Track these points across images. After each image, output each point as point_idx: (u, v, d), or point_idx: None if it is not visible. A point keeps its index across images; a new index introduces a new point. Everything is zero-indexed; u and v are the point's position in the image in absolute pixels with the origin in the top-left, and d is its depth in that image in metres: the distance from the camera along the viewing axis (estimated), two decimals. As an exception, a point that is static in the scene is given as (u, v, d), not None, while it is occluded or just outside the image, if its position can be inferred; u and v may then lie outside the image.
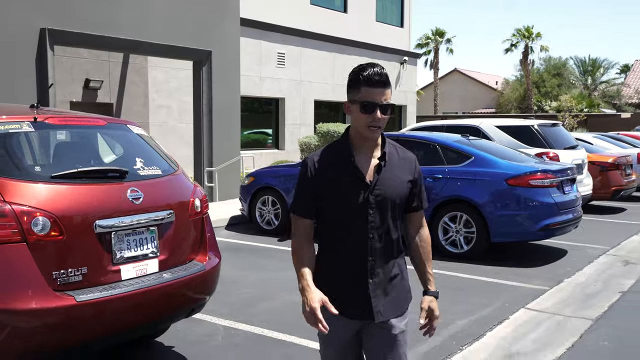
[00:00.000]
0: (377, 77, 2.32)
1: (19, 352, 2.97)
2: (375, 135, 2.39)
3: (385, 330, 2.45)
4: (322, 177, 2.40)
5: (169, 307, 3.53)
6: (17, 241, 2.90)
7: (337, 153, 2.44)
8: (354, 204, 2.37)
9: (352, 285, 2.42)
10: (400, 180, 2.44)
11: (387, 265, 2.45)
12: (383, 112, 2.33)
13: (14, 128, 3.22)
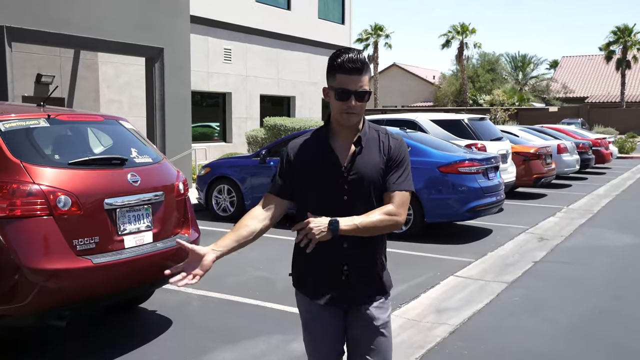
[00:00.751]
0: (351, 64, 2.26)
1: (47, 307, 3.66)
2: (351, 121, 2.34)
3: (366, 321, 2.43)
4: (299, 160, 2.41)
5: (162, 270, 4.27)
6: (46, 215, 3.59)
7: (316, 138, 2.44)
8: (328, 189, 2.36)
9: (328, 271, 2.41)
10: (375, 164, 2.39)
11: (363, 251, 2.41)
12: (358, 99, 2.30)
13: (33, 124, 3.89)
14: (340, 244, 2.35)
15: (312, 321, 2.49)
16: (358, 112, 2.32)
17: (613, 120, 44.85)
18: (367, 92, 2.31)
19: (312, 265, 2.43)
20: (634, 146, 28.83)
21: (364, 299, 2.43)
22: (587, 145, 17.76)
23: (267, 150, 9.46)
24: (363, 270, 2.42)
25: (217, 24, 18.93)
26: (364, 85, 2.30)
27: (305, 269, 2.47)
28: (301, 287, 2.51)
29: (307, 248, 2.21)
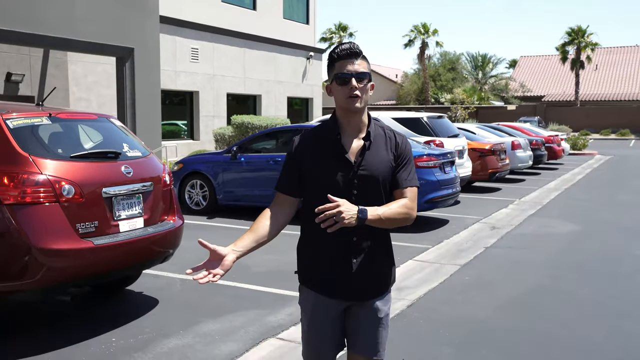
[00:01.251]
0: (346, 50, 2.37)
1: (54, 284, 4.15)
2: (356, 105, 2.37)
3: (371, 313, 2.48)
4: (306, 155, 2.44)
5: (152, 252, 4.79)
6: (53, 201, 4.07)
7: (323, 133, 2.47)
8: (338, 184, 2.37)
9: (336, 264, 2.43)
10: (384, 160, 2.44)
11: (371, 245, 2.44)
12: (359, 80, 2.35)
13: (37, 121, 4.36)
14: (351, 237, 2.39)
15: (318, 316, 2.49)
16: (361, 95, 2.36)
17: (568, 118, 46.53)
18: (367, 73, 2.37)
19: (320, 259, 2.46)
20: (586, 143, 30.10)
21: (372, 293, 2.47)
22: (540, 142, 18.71)
23: (238, 147, 9.97)
24: (371, 264, 2.44)
25: (185, 24, 19.30)
26: (362, 68, 2.36)
27: (312, 263, 2.49)
28: (308, 283, 2.52)
29: (329, 229, 2.23)
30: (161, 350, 4.24)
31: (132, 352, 4.18)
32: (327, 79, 2.45)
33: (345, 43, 2.40)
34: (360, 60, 2.37)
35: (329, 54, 2.43)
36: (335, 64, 2.38)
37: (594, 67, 55.01)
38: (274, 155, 9.61)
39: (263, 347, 4.35)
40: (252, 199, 9.74)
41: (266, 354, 4.24)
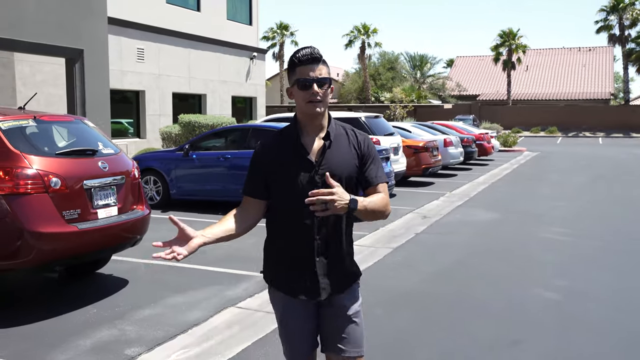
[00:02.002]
0: (307, 55, 2.40)
1: (40, 264, 4.83)
2: (317, 110, 2.42)
3: (339, 311, 2.52)
4: (269, 158, 2.49)
5: (125, 235, 5.51)
6: (42, 192, 4.74)
7: (285, 136, 2.52)
8: (300, 184, 2.41)
9: (300, 264, 2.47)
10: (347, 159, 2.48)
11: (335, 244, 2.49)
12: (320, 86, 2.40)
13: (25, 123, 5.02)
14: (313, 237, 2.44)
15: (287, 317, 2.55)
16: (322, 99, 2.41)
17: (501, 116, 48.74)
18: (328, 78, 2.42)
19: (284, 260, 2.52)
20: (516, 140, 31.91)
21: (336, 289, 2.50)
22: (471, 140, 20.05)
23: (190, 145, 10.67)
24: (334, 261, 2.49)
25: (130, 25, 19.68)
26: (322, 74, 2.41)
27: (277, 263, 2.55)
28: (274, 283, 2.57)
29: (319, 213, 2.27)
30: (137, 318, 4.98)
31: (112, 320, 4.91)
32: (289, 82, 2.48)
33: (305, 47, 2.43)
34: (321, 65, 2.42)
35: (289, 58, 2.47)
36: (297, 68, 2.41)
37: (525, 67, 57.62)
38: (223, 153, 10.35)
39: (224, 314, 5.15)
40: (203, 193, 10.46)
41: (227, 319, 5.03)
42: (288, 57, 10.02)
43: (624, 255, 7.57)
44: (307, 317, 2.54)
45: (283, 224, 2.50)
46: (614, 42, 51.54)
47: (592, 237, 8.63)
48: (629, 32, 49.59)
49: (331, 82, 2.44)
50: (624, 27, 49.65)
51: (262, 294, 5.54)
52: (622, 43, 50.06)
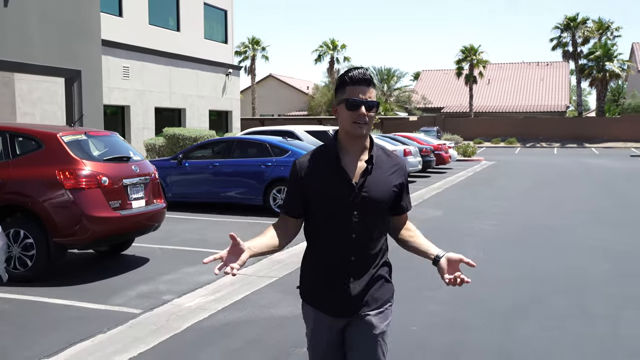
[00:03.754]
0: (360, 75, 2.41)
1: (92, 240, 6.60)
2: (361, 132, 2.43)
3: (367, 329, 2.51)
4: (308, 177, 2.48)
5: (150, 222, 7.29)
6: (96, 187, 6.51)
7: (324, 155, 2.51)
8: (339, 205, 2.43)
9: (334, 283, 2.48)
10: (387, 184, 2.49)
11: (370, 265, 2.50)
12: (368, 109, 2.40)
13: (79, 137, 6.79)
14: (349, 256, 2.46)
15: (318, 332, 2.57)
16: (368, 122, 2.42)
17: (464, 128, 51.21)
18: (376, 102, 2.44)
19: (318, 277, 2.53)
20: (475, 150, 34.22)
21: (368, 308, 2.51)
22: (429, 150, 22.13)
23: (183, 154, 12.47)
24: (369, 282, 2.50)
25: (117, 45, 21.35)
26: (372, 97, 2.42)
27: (313, 280, 2.57)
28: (308, 299, 2.60)
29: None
30: (164, 280, 6.77)
31: (145, 281, 6.70)
32: (336, 100, 2.49)
33: (358, 68, 2.46)
34: (372, 88, 2.43)
35: (340, 76, 2.48)
36: (347, 87, 2.43)
37: (487, 81, 60.34)
38: (212, 161, 12.17)
39: (227, 277, 6.95)
40: (195, 195, 12.24)
41: (230, 280, 6.83)
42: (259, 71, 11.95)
43: (531, 238, 9.59)
44: (337, 334, 2.55)
45: (320, 241, 2.51)
46: (567, 58, 54.59)
47: (513, 226, 10.68)
48: (582, 49, 52.62)
49: (378, 105, 2.50)
50: (576, 44, 52.70)
51: (254, 265, 7.36)
52: (575, 59, 53.09)
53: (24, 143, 6.78)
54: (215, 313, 5.63)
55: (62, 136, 6.63)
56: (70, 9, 15.30)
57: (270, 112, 61.62)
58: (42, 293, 6.12)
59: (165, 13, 24.78)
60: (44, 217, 6.40)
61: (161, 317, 5.48)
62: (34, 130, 6.84)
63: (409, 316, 5.50)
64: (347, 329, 2.55)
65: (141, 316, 5.48)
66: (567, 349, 4.79)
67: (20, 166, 6.58)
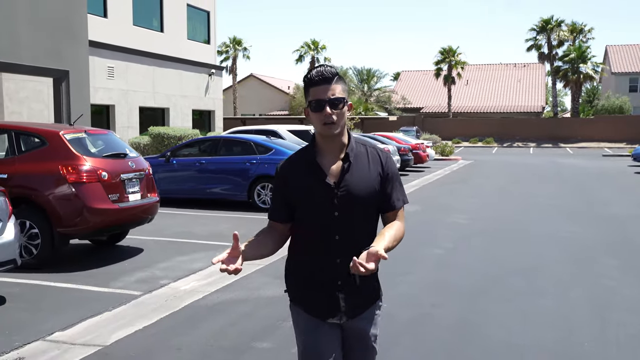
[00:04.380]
0: (319, 75, 2.35)
1: (92, 230, 7.15)
2: (331, 131, 2.37)
3: (360, 337, 2.55)
4: (289, 180, 2.47)
5: (145, 214, 7.85)
6: (96, 181, 7.05)
7: (303, 157, 2.49)
8: (319, 206, 2.39)
9: (322, 286, 2.45)
10: (368, 180, 2.43)
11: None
12: (333, 107, 2.34)
13: (80, 135, 7.32)
14: (334, 259, 2.41)
15: (310, 334, 2.50)
16: (336, 121, 2.35)
17: (442, 128, 52.10)
18: (341, 98, 2.35)
19: (306, 279, 2.50)
20: (453, 150, 35.07)
21: (357, 311, 2.50)
22: (407, 149, 22.85)
23: (171, 152, 13.01)
24: (356, 284, 2.44)
25: (101, 45, 21.73)
26: (336, 93, 2.34)
27: (299, 282, 2.54)
28: (297, 301, 2.56)
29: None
30: (159, 267, 7.33)
31: (142, 268, 7.26)
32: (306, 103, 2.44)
33: (318, 66, 2.39)
34: (334, 85, 2.36)
35: (303, 78, 2.43)
36: (310, 89, 2.38)
37: (465, 82, 61.34)
38: (199, 159, 12.73)
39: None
40: (182, 192, 12.78)
41: (157, 298, 7.42)
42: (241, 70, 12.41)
43: (499, 231, 10.30)
44: (331, 335, 2.51)
45: (303, 244, 2.49)
46: (543, 59, 55.79)
47: (483, 220, 11.39)
48: (556, 51, 53.82)
49: (346, 100, 2.40)
50: (552, 47, 53.89)
51: (242, 254, 7.94)
52: (550, 61, 54.29)
53: (29, 140, 7.32)
54: (209, 294, 6.22)
55: (64, 134, 7.17)
56: (58, 10, 15.73)
57: (252, 111, 62.03)
58: (48, 278, 6.66)
59: (149, 14, 25.20)
60: (48, 208, 6.94)
61: (160, 298, 6.06)
62: (38, 129, 7.37)
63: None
64: (344, 334, 2.56)
65: (142, 297, 6.05)
66: (516, 318, 5.46)
67: (26, 162, 7.11)
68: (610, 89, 60.53)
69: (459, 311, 5.75)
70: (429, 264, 7.70)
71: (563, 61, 52.26)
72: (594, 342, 4.89)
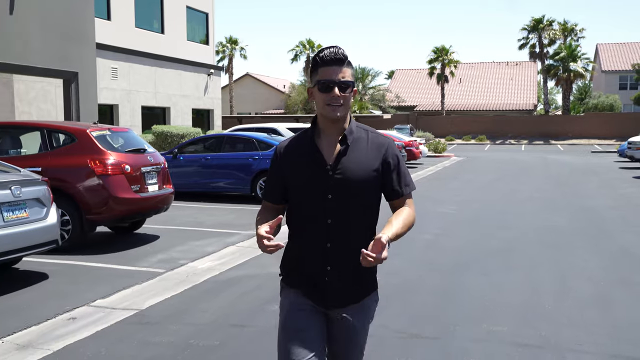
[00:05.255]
0: (332, 55, 2.30)
1: (117, 217, 8.02)
2: (335, 114, 2.33)
3: (345, 327, 2.46)
4: (286, 162, 2.44)
5: (161, 204, 8.72)
6: (120, 174, 7.91)
7: (302, 138, 2.46)
8: (313, 188, 2.35)
9: (312, 270, 2.42)
10: (365, 165, 2.37)
11: (349, 253, 2.37)
12: (341, 89, 2.30)
13: (104, 132, 8.18)
14: (325, 243, 2.38)
15: (293, 313, 2.45)
16: (343, 103, 2.32)
17: (436, 126, 53.03)
18: (350, 82, 2.32)
19: (298, 265, 2.49)
20: (445, 147, 35.98)
21: (347, 301, 2.44)
22: (401, 146, 23.73)
23: (178, 149, 13.87)
24: (346, 271, 2.40)
25: (106, 47, 22.53)
26: (346, 76, 2.32)
27: (293, 266, 2.52)
28: (290, 283, 2.54)
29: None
30: (176, 250, 8.20)
31: (162, 251, 8.12)
32: (311, 82, 2.40)
33: (331, 47, 2.34)
34: (345, 68, 2.33)
35: (313, 57, 2.37)
36: (319, 69, 2.34)
37: (458, 80, 62.26)
38: (204, 155, 13.61)
39: (228, 249, 8.41)
40: (189, 186, 13.65)
41: (230, 251, 8.28)
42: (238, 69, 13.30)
43: (483, 220, 11.20)
44: (316, 316, 2.46)
45: (299, 227, 2.46)
46: (534, 58, 56.82)
47: (470, 211, 12.30)
48: (548, 50, 54.85)
49: (354, 85, 2.36)
50: (543, 45, 54.91)
51: (248, 241, 8.81)
52: (541, 59, 55.31)
53: (60, 138, 8.17)
54: (224, 271, 7.10)
55: (91, 132, 8.04)
56: (68, 15, 16.56)
57: (248, 110, 62.77)
58: (80, 259, 7.53)
59: (150, 16, 26.01)
60: (78, 198, 7.81)
61: (181, 274, 6.93)
62: (68, 127, 8.25)
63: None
64: (327, 321, 2.50)
65: (165, 274, 6.93)
66: (490, 287, 6.35)
67: (58, 156, 7.98)
68: (601, 87, 61.60)
69: (441, 282, 6.65)
70: (418, 245, 8.58)
71: (554, 60, 53.24)
72: (553, 303, 5.80)
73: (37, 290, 6.26)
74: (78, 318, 5.33)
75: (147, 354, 4.54)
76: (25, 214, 6.12)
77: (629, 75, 60.26)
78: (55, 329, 5.06)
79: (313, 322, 2.46)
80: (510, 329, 5.03)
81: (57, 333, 4.95)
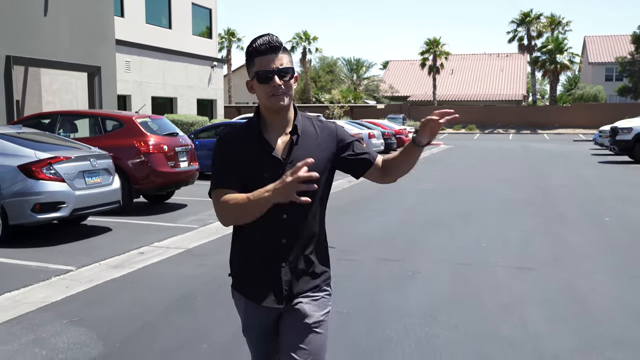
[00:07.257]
0: (266, 43, 2.22)
1: (157, 187, 10.10)
2: (281, 104, 2.24)
3: (299, 319, 2.33)
4: (233, 153, 2.30)
5: (189, 178, 10.79)
6: (159, 152, 9.96)
7: (247, 130, 2.34)
8: (267, 182, 2.14)
9: (265, 268, 2.33)
10: (319, 152, 2.30)
11: (304, 249, 2.34)
12: (281, 77, 2.21)
13: (146, 120, 10.23)
14: (280, 239, 2.31)
15: (251, 322, 2.44)
16: (286, 92, 2.24)
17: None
18: (290, 68, 2.24)
19: (248, 264, 2.38)
20: (435, 136, 37.97)
21: (301, 293, 2.36)
22: (391, 134, 25.84)
23: (194, 134, 15.94)
24: (303, 267, 2.35)
25: (120, 42, 24.44)
26: (284, 63, 2.23)
27: (241, 267, 2.42)
28: (237, 287, 2.45)
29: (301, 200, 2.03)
30: (203, 214, 10.22)
31: (191, 214, 10.18)
32: (249, 75, 2.29)
33: (263, 35, 2.25)
34: (282, 54, 2.24)
35: (246, 49, 2.28)
36: (255, 59, 2.24)
37: (450, 71, 64.25)
38: (217, 140, 15.69)
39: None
40: (204, 167, 15.70)
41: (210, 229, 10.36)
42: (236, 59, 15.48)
43: (456, 194, 13.30)
44: (271, 322, 2.41)
45: (250, 225, 2.28)
46: (523, 50, 58.86)
47: (446, 187, 14.42)
48: (536, 43, 56.92)
49: (294, 71, 2.28)
50: (531, 38, 56.97)
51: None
52: (529, 51, 57.38)
53: (110, 123, 10.22)
54: (244, 226, 9.18)
55: (136, 119, 10.09)
56: (92, 15, 18.56)
57: (245, 100, 64.53)
58: (132, 219, 9.61)
59: (159, 13, 27.95)
60: (127, 171, 9.86)
61: (212, 229, 9.00)
62: (117, 115, 10.32)
63: (358, 226, 9.15)
64: (280, 320, 2.40)
65: (200, 228, 9.01)
66: (447, 237, 8.45)
67: (110, 139, 10.03)
68: (588, 79, 63.70)
69: (411, 235, 8.77)
70: (398, 210, 10.68)
71: (541, 52, 55.35)
72: (488, 243, 7.92)
73: (108, 237, 8.35)
74: (145, 253, 7.42)
75: (202, 270, 6.63)
76: (99, 180, 8.19)
77: (614, 67, 62.41)
78: (131, 258, 7.15)
79: (268, 332, 2.45)
80: (453, 256, 7.16)
81: (134, 260, 7.04)
